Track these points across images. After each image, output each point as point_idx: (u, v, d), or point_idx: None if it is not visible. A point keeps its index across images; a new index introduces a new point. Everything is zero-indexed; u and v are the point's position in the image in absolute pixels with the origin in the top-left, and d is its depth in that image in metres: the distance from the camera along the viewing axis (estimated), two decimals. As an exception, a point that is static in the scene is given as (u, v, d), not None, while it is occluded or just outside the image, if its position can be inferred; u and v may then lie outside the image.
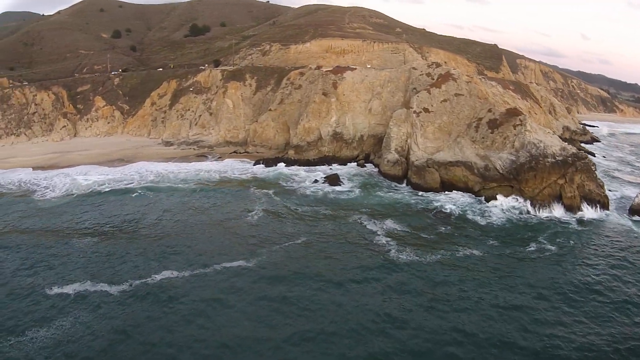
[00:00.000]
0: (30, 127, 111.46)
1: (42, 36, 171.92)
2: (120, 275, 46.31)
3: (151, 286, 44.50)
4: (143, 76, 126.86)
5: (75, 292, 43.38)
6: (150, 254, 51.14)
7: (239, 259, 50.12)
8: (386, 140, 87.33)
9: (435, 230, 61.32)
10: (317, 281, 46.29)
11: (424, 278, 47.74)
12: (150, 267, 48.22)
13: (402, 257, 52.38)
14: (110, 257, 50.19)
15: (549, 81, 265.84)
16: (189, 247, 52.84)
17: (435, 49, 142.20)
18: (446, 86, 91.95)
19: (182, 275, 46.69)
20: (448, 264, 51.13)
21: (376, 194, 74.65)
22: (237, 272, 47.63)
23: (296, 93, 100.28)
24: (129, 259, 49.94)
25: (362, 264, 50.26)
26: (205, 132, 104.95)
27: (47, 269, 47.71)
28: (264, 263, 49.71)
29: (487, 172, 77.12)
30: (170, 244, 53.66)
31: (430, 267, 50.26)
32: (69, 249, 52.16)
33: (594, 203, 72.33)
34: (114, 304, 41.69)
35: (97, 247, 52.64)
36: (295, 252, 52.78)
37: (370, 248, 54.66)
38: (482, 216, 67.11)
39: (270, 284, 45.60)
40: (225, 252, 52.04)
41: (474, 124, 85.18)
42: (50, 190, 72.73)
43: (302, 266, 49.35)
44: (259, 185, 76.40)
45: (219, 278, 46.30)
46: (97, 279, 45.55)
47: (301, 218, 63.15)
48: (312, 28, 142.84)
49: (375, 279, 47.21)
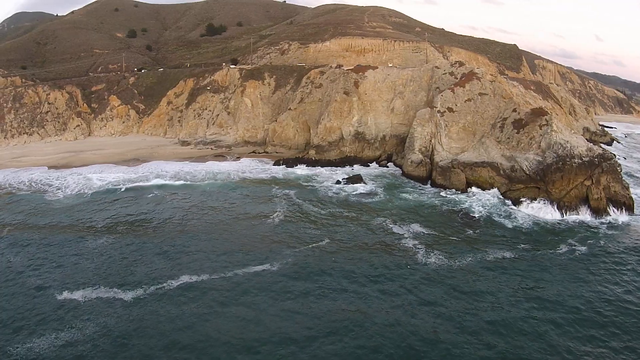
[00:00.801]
0: (43, 126, 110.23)
1: (56, 35, 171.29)
2: (134, 279, 43.59)
3: (167, 292, 41.65)
4: (159, 75, 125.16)
5: (84, 297, 40.78)
6: (166, 256, 48.46)
7: (261, 263, 47.39)
8: (409, 140, 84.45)
9: (463, 233, 58.32)
10: (342, 288, 43.43)
11: (454, 287, 44.48)
12: (166, 270, 45.50)
13: (430, 261, 49.38)
14: (123, 260, 47.65)
15: (566, 82, 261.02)
16: (208, 250, 50.09)
17: (456, 49, 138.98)
18: (470, 85, 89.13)
19: (201, 279, 43.83)
20: (478, 270, 47.99)
21: (400, 195, 71.67)
22: (260, 277, 44.71)
23: (317, 92, 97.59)
24: (143, 261, 47.30)
25: (389, 270, 47.23)
26: (223, 131, 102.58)
27: (56, 270, 45.40)
28: (288, 267, 46.90)
29: (513, 173, 74.30)
30: (187, 246, 50.95)
31: (460, 273, 47.10)
32: (80, 250, 49.81)
33: (619, 205, 69.52)
34: (126, 310, 38.98)
35: (109, 249, 50.17)
36: (319, 256, 49.88)
37: (396, 252, 51.74)
38: (509, 219, 64.18)
39: (295, 290, 42.74)
40: (247, 255, 49.23)
41: (498, 124, 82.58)
42: (62, 190, 70.83)
43: (326, 272, 46.36)
44: (279, 186, 73.67)
45: (242, 284, 43.36)
46: (109, 283, 42.93)
47: (324, 220, 60.32)
48: (331, 27, 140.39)
49: (403, 286, 44.13)
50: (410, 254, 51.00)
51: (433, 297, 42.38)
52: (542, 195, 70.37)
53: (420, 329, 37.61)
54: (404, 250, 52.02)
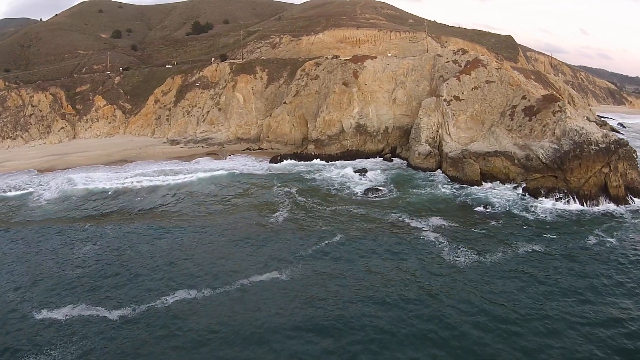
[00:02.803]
0: (27, 129, 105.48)
1: (40, 37, 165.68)
2: (122, 295, 37.74)
3: (160, 310, 35.59)
4: (145, 74, 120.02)
5: (66, 316, 35.11)
6: (159, 268, 42.49)
7: (267, 271, 41.67)
8: (415, 131, 79.70)
9: (485, 226, 53.56)
10: (365, 297, 37.85)
11: (490, 284, 39.69)
12: (159, 284, 39.49)
13: (458, 258, 44.47)
14: (110, 272, 41.89)
15: (558, 74, 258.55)
16: (206, 259, 44.26)
17: (454, 38, 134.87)
18: (476, 73, 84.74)
19: (200, 295, 37.67)
20: (510, 266, 43.13)
21: (411, 189, 66.76)
22: (266, 289, 38.85)
23: (313, 84, 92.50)
24: (132, 274, 41.44)
25: (416, 272, 42.11)
26: (214, 128, 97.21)
27: (36, 284, 39.84)
28: (297, 274, 41.29)
29: (529, 162, 70.04)
30: (183, 255, 45.06)
31: (493, 270, 42.29)
32: (62, 260, 44.28)
33: (636, 193, 65.56)
34: (113, 331, 33.30)
35: (94, 259, 44.49)
36: (333, 256, 44.70)
37: (419, 248, 46.74)
38: (529, 210, 59.71)
39: (307, 302, 36.80)
40: (250, 263, 43.52)
41: (508, 111, 78.40)
42: (44, 194, 65.56)
43: (343, 273, 41.27)
44: (279, 184, 68.31)
45: (247, 299, 37.32)
46: (94, 299, 37.21)
47: (332, 218, 55.13)
48: (323, 19, 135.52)
49: (435, 290, 38.89)
50: (435, 250, 46.18)
51: (473, 301, 37.16)
52: (560, 184, 66.33)
53: (465, 340, 32.53)
54: (428, 245, 47.16)
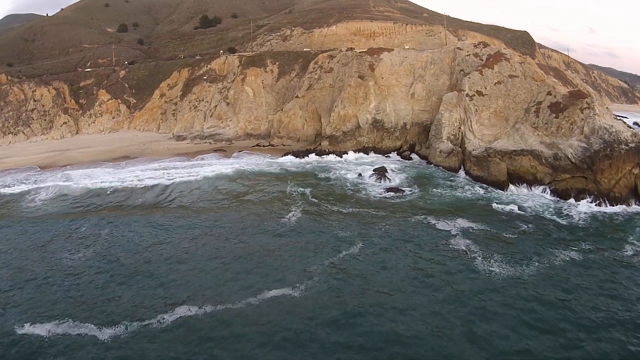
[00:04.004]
0: (29, 125, 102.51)
1: (44, 32, 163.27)
2: (114, 311, 32.79)
3: (157, 330, 30.52)
4: (151, 68, 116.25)
5: (50, 332, 30.41)
6: (157, 280, 37.29)
7: (279, 285, 36.12)
8: (436, 127, 74.82)
9: (516, 230, 48.62)
10: (390, 316, 32.81)
11: (532, 304, 34.45)
12: (156, 300, 34.25)
13: (493, 270, 39.46)
14: (102, 283, 37.11)
15: (566, 71, 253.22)
16: (210, 271, 39.02)
17: (471, 32, 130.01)
18: (499, 67, 79.75)
19: (201, 313, 32.24)
20: (550, 278, 38.11)
21: (433, 189, 61.85)
22: (278, 307, 33.41)
23: (327, 77, 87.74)
24: (127, 286, 36.38)
25: (446, 283, 37.27)
26: (222, 124, 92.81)
27: (19, 294, 35.35)
28: (313, 289, 35.80)
29: (557, 161, 64.96)
30: (184, 267, 39.85)
31: (532, 285, 37.06)
32: (50, 268, 39.64)
33: (666, 195, 60.59)
34: (102, 353, 28.57)
35: (85, 268, 39.73)
36: (352, 269, 39.45)
37: (450, 259, 41.71)
38: (560, 213, 54.71)
39: (325, 326, 31.35)
40: (259, 276, 37.89)
41: (533, 108, 73.39)
42: (40, 193, 61.25)
43: (365, 291, 35.93)
44: (291, 184, 63.55)
45: (255, 319, 31.94)
46: (83, 315, 32.37)
47: (350, 222, 50.12)
48: (336, 11, 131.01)
49: (468, 307, 33.94)
50: (467, 264, 40.92)
51: (519, 329, 32.33)
52: (589, 185, 61.49)
53: None
54: (459, 260, 41.87)
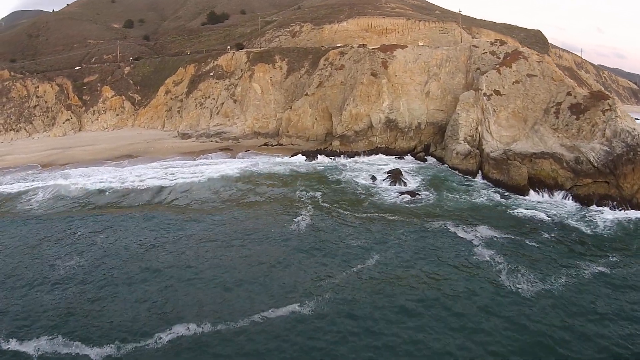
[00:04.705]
0: (31, 121, 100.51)
1: (49, 27, 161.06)
2: (107, 328, 29.52)
3: (152, 350, 27.44)
4: (157, 64, 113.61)
5: (38, 350, 27.42)
6: (154, 293, 33.85)
7: (287, 302, 32.49)
8: (452, 127, 71.47)
9: (540, 239, 45.20)
10: (411, 339, 29.79)
11: (568, 325, 31.33)
12: (152, 315, 30.98)
13: (520, 285, 35.88)
14: (95, 296, 33.79)
15: (580, 71, 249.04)
16: (212, 284, 35.44)
17: (485, 30, 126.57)
18: (517, 65, 76.30)
19: (200, 332, 28.87)
20: (581, 298, 34.58)
21: (450, 194, 58.36)
22: (285, 327, 29.91)
23: (338, 74, 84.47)
24: (122, 300, 33.02)
25: (471, 301, 33.85)
26: (228, 122, 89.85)
27: (5, 307, 32.27)
28: (326, 307, 32.08)
29: (578, 165, 61.54)
30: (182, 277, 36.34)
31: (563, 303, 33.49)
32: (40, 278, 36.54)
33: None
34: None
35: (78, 278, 36.43)
36: (367, 285, 35.68)
37: (474, 273, 38.31)
38: (584, 221, 51.19)
39: (342, 346, 28.14)
40: (264, 290, 34.24)
41: (552, 109, 69.99)
42: (37, 194, 58.34)
43: (383, 311, 32.26)
44: (300, 186, 60.34)
45: (259, 340, 28.57)
46: (73, 331, 29.23)
47: (364, 229, 46.84)
48: (346, 7, 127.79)
49: (497, 332, 30.63)
50: (493, 278, 37.50)
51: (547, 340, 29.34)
52: (612, 191, 58.15)
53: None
54: (484, 273, 38.35)
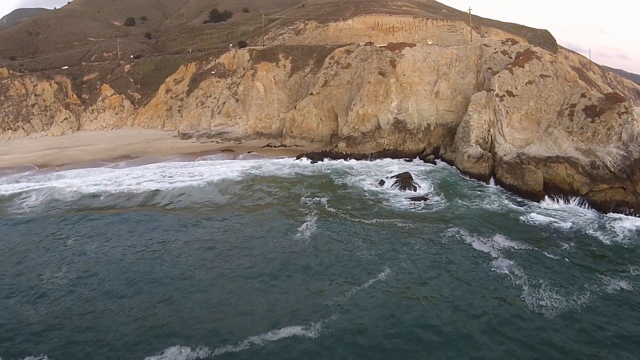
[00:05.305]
0: (29, 120, 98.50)
1: (49, 25, 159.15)
2: (93, 350, 26.61)
3: None
4: (157, 62, 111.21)
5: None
6: (145, 309, 30.79)
7: (290, 323, 29.25)
8: (464, 129, 68.61)
9: (559, 251, 42.25)
10: None
11: (594, 357, 28.45)
12: (142, 335, 27.94)
13: (543, 302, 32.81)
14: (80, 309, 30.97)
15: (588, 72, 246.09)
16: (206, 301, 32.08)
17: (494, 29, 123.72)
18: (529, 65, 73.37)
19: (194, 357, 26.01)
20: (608, 316, 31.76)
21: (462, 200, 55.37)
22: (287, 352, 26.81)
23: (344, 73, 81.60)
24: (109, 316, 30.02)
25: (493, 323, 30.74)
26: (230, 121, 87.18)
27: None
28: (333, 331, 28.90)
29: (594, 170, 58.61)
30: (176, 293, 32.88)
31: (589, 324, 30.70)
32: (25, 290, 33.66)
33: None
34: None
35: (66, 292, 33.36)
36: (380, 302, 32.62)
37: (494, 289, 35.24)
38: (603, 231, 48.15)
39: None
40: (265, 309, 30.86)
41: (566, 111, 67.05)
42: (30, 198, 55.67)
43: (396, 334, 29.32)
44: (305, 190, 57.38)
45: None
46: (58, 350, 26.50)
47: (374, 238, 43.83)
48: (352, 5, 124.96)
49: (522, 352, 27.86)
50: (514, 294, 34.52)
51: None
52: (629, 197, 55.33)
53: None
54: (504, 289, 35.31)
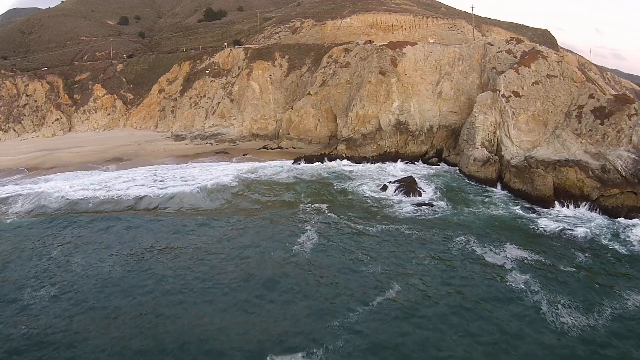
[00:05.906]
0: (20, 121, 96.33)
1: (42, 24, 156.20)
2: None
3: None
4: (150, 61, 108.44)
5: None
6: (130, 329, 28.36)
7: (288, 350, 26.57)
8: (469, 131, 66.02)
9: (574, 262, 39.72)
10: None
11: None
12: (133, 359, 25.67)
13: (564, 319, 30.37)
14: (64, 329, 28.38)
15: (589, 72, 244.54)
16: (195, 323, 29.24)
17: (495, 28, 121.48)
18: (536, 65, 70.91)
19: None
20: (629, 337, 29.39)
21: (469, 206, 52.70)
22: None
23: (343, 72, 78.89)
24: (97, 337, 27.55)
25: (513, 346, 28.45)
26: (225, 122, 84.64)
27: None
28: (339, 356, 26.40)
29: (605, 174, 56.14)
30: (164, 313, 30.24)
31: (614, 340, 28.59)
32: (8, 304, 31.33)
33: None
34: None
35: (51, 307, 31.03)
36: (389, 326, 29.77)
37: (511, 306, 32.62)
38: (617, 239, 45.70)
39: None
40: (262, 332, 28.22)
41: (574, 112, 64.64)
42: (17, 204, 53.03)
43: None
44: (304, 196, 54.61)
45: None
46: None
47: (379, 250, 41.00)
48: (350, 3, 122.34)
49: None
50: (533, 313, 31.83)
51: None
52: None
53: None
54: (522, 306, 32.69)
